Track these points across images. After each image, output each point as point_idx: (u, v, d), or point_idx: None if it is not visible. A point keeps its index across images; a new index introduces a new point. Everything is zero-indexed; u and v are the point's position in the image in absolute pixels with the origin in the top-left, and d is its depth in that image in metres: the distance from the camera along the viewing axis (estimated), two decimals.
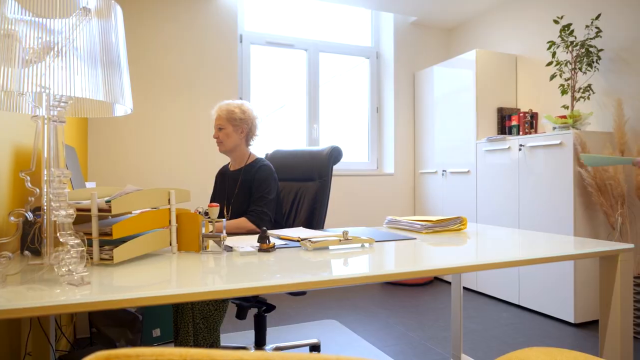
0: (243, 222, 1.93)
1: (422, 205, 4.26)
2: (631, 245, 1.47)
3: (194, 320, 1.75)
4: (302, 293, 2.03)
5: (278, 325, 2.85)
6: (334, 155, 2.28)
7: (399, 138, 4.34)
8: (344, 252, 1.38)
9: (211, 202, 2.28)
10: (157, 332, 2.48)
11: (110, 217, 1.36)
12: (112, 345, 2.25)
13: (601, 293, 1.51)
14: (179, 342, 1.75)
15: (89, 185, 2.73)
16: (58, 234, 0.96)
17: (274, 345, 2.28)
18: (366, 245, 1.50)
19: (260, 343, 2.19)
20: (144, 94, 3.47)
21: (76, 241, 0.97)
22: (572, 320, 2.81)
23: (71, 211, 0.99)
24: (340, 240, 1.44)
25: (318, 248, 1.42)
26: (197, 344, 1.76)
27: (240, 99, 3.86)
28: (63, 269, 0.95)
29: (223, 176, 2.22)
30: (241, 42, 3.88)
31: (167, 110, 3.54)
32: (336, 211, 4.11)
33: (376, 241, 1.57)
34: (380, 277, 1.12)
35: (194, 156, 3.61)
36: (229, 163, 2.25)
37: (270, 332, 2.72)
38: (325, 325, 2.84)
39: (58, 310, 0.86)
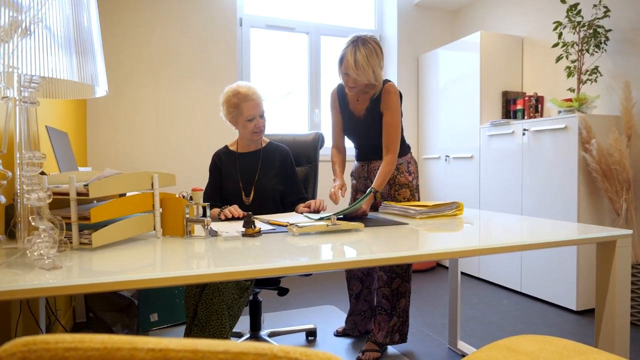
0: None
1: (424, 191, 4.21)
2: (629, 231, 1.42)
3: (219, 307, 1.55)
4: (306, 275, 2.02)
5: (277, 310, 2.85)
6: (319, 140, 2.38)
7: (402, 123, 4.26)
8: (331, 237, 1.35)
9: (214, 186, 2.11)
10: (154, 317, 2.48)
11: (95, 202, 1.34)
12: (108, 330, 2.26)
13: (598, 280, 1.46)
14: (209, 331, 1.50)
15: (84, 171, 2.71)
16: (30, 218, 0.94)
17: (269, 331, 2.27)
18: (355, 230, 1.47)
19: (255, 328, 2.19)
20: (143, 78, 3.44)
21: (48, 225, 0.95)
22: (574, 308, 2.77)
23: (44, 194, 0.97)
24: (328, 225, 1.41)
25: (305, 233, 1.39)
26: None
27: None
28: (35, 253, 0.93)
29: (228, 158, 2.10)
30: (241, 25, 3.82)
31: (167, 94, 3.51)
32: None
33: (365, 226, 1.54)
34: (363, 262, 1.09)
35: (195, 140, 3.59)
36: (225, 146, 2.16)
37: (268, 318, 2.71)
38: (324, 311, 2.83)
39: (29, 294, 0.84)
